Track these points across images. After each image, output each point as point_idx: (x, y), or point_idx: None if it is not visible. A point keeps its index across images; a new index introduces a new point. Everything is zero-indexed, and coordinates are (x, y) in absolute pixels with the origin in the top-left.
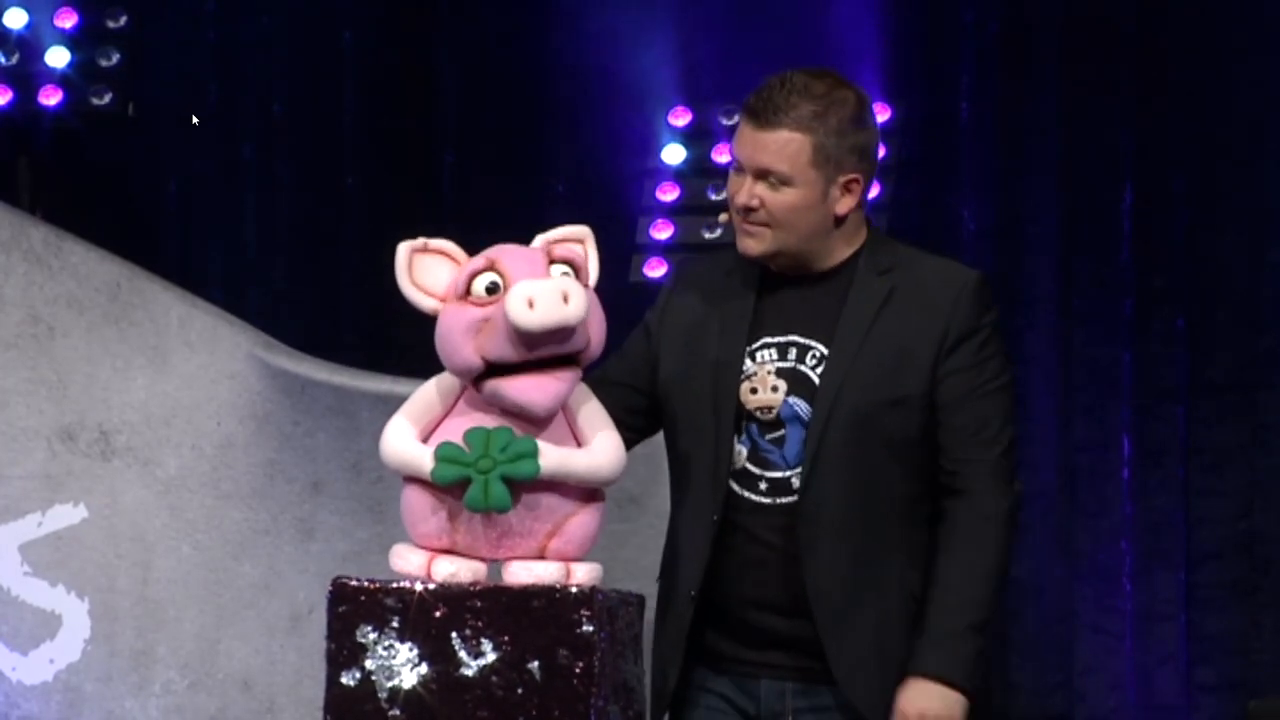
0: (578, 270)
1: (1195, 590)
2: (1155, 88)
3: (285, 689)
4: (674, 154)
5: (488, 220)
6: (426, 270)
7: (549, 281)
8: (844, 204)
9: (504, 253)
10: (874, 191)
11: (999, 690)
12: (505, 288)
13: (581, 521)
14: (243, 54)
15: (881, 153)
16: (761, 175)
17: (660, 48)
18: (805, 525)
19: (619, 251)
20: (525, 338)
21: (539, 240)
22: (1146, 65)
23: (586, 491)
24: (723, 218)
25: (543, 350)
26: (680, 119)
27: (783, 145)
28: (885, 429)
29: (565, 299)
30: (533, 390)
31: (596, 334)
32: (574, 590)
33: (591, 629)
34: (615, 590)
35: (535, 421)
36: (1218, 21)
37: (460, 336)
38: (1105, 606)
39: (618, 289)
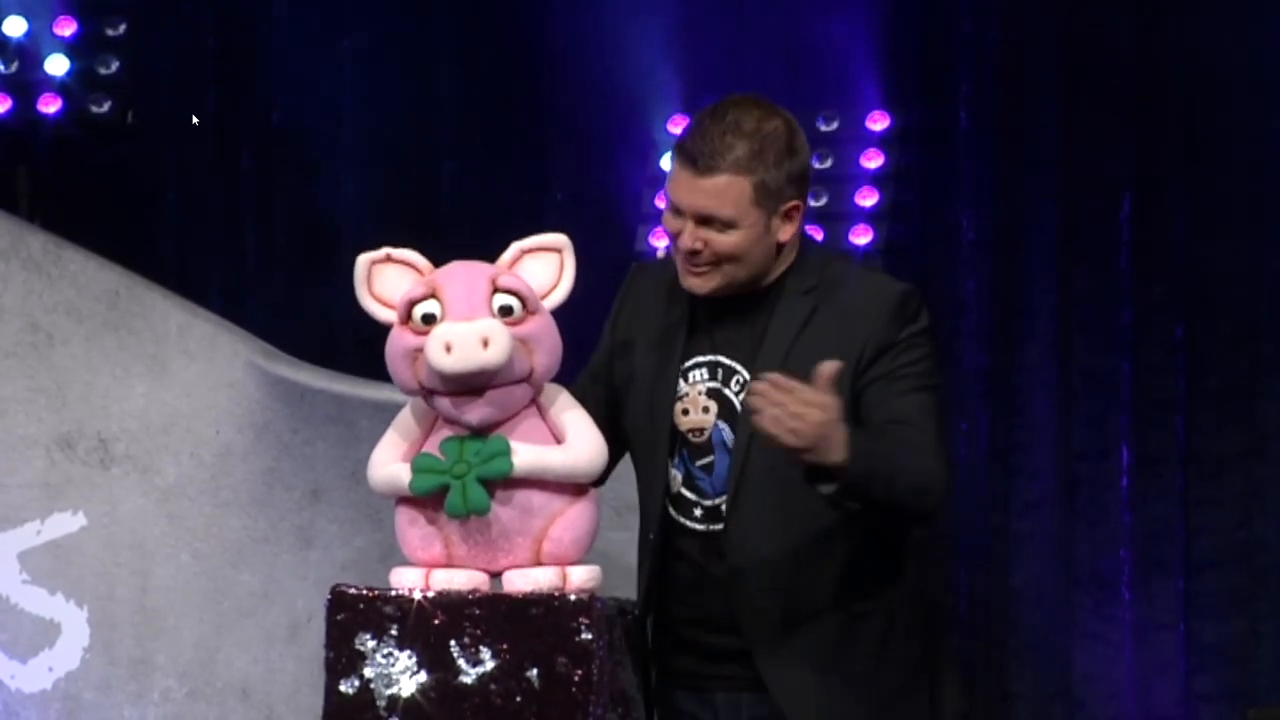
0: (525, 300)
1: (1194, 599)
2: (1153, 96)
3: (284, 697)
4: None
5: (487, 228)
6: (388, 281)
7: (469, 325)
8: (786, 231)
9: (448, 280)
10: (873, 199)
11: (997, 699)
12: (441, 318)
13: (571, 521)
14: (241, 62)
15: (880, 161)
16: (704, 221)
17: (659, 55)
18: (732, 553)
19: (618, 259)
20: (446, 378)
21: (513, 249)
22: (1145, 74)
23: (573, 490)
24: (661, 254)
25: (473, 384)
26: (679, 127)
27: (723, 190)
28: None
29: (484, 344)
30: (464, 410)
31: (544, 360)
32: (573, 598)
33: (590, 637)
34: (614, 598)
35: (510, 426)
36: (1216, 31)
37: (399, 361)
38: (1104, 615)
39: (616, 295)
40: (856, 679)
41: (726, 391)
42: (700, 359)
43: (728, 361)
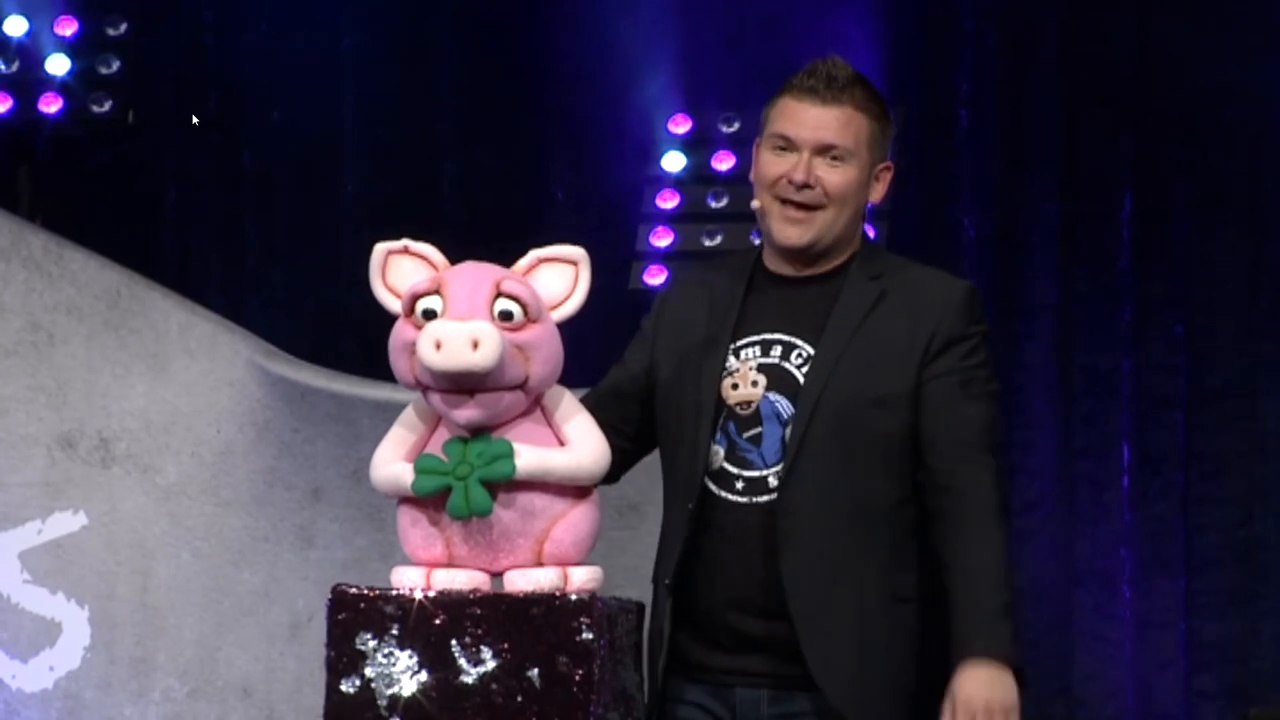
0: (526, 307)
1: (1195, 597)
2: (1154, 96)
3: (285, 696)
4: (674, 161)
5: (487, 228)
6: (403, 272)
7: (462, 325)
8: (877, 192)
9: (454, 278)
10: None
11: None
12: (441, 315)
13: (573, 523)
14: (242, 62)
15: None
16: (823, 150)
17: (660, 55)
18: (784, 521)
19: (619, 259)
20: (436, 375)
21: (530, 256)
22: (1145, 74)
23: (575, 492)
24: (755, 204)
25: (463, 385)
26: (680, 126)
27: (847, 121)
28: (868, 428)
29: (474, 345)
30: (453, 409)
31: (540, 369)
32: (574, 598)
33: (591, 636)
34: (615, 597)
35: (513, 428)
36: (1216, 30)
37: (397, 354)
38: (1105, 614)
39: (617, 296)
40: (892, 666)
41: (786, 365)
42: (752, 338)
43: (786, 338)
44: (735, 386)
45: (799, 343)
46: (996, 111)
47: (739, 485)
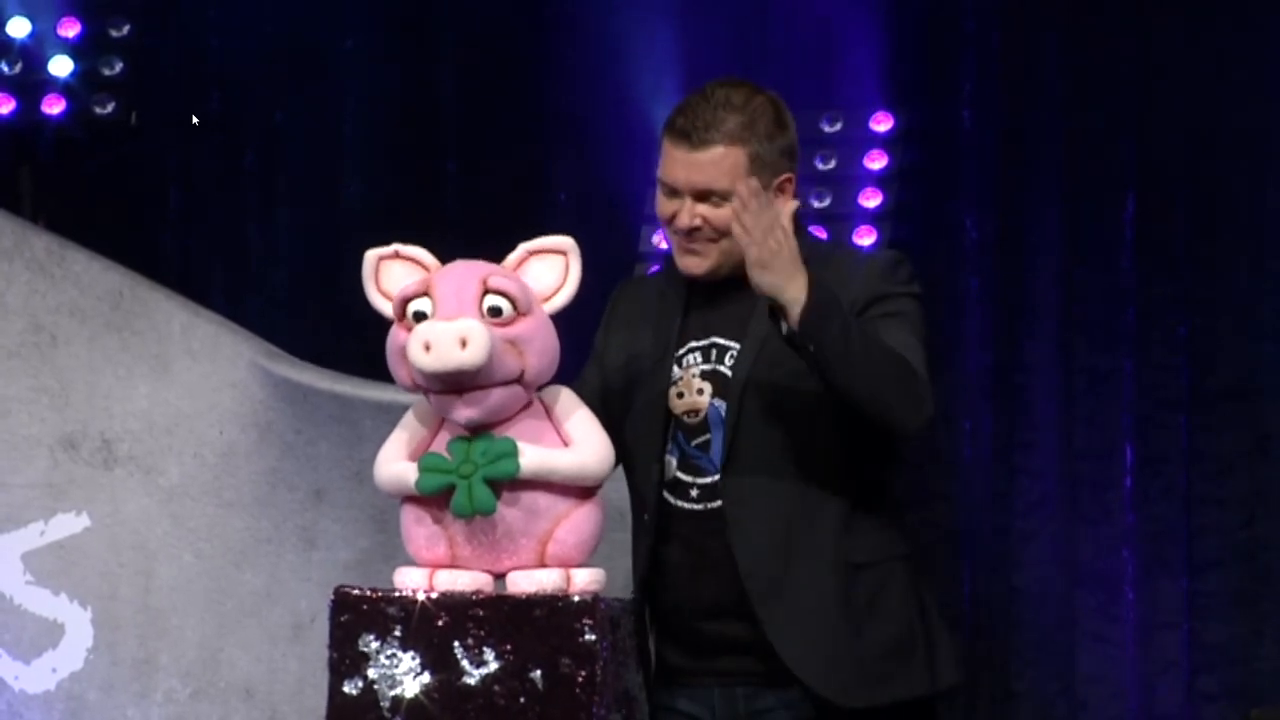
0: (515, 302)
1: (1197, 599)
2: (1156, 96)
3: (287, 698)
4: None
5: (489, 229)
6: (395, 277)
7: (449, 325)
8: (783, 203)
9: (441, 279)
10: (876, 200)
11: (1000, 698)
12: (431, 316)
13: (576, 523)
14: (245, 63)
15: (884, 161)
16: (702, 196)
17: (662, 55)
18: (732, 509)
19: (621, 260)
20: (428, 377)
21: (520, 250)
22: (1147, 74)
23: (579, 492)
24: (656, 239)
25: (457, 384)
26: None
27: (719, 161)
28: (798, 400)
29: (463, 344)
30: (449, 409)
31: (535, 362)
32: (576, 599)
33: (594, 638)
34: (617, 599)
35: (517, 426)
36: (1217, 31)
37: (394, 358)
38: (1107, 615)
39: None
40: (852, 632)
41: (721, 368)
42: (695, 344)
43: (722, 340)
44: (680, 395)
45: (729, 343)
46: (998, 112)
47: (693, 493)
